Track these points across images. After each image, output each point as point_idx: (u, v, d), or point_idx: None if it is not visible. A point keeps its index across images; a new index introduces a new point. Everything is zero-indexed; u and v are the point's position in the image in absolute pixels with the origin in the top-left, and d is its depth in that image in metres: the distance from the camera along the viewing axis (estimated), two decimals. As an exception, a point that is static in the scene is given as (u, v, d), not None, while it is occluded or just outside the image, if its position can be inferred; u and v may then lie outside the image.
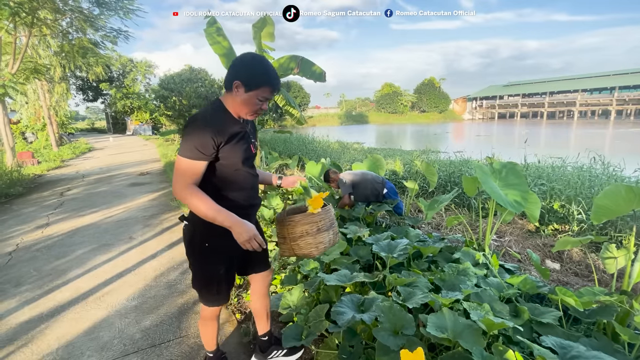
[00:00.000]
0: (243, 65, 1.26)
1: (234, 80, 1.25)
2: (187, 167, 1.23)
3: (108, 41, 12.37)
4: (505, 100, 58.83)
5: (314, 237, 1.59)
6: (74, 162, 11.59)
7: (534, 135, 24.00)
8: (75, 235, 4.01)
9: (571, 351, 1.24)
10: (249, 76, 1.25)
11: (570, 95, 49.87)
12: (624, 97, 44.64)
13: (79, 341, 2.06)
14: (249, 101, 1.28)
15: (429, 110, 64.65)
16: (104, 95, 33.36)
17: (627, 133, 24.52)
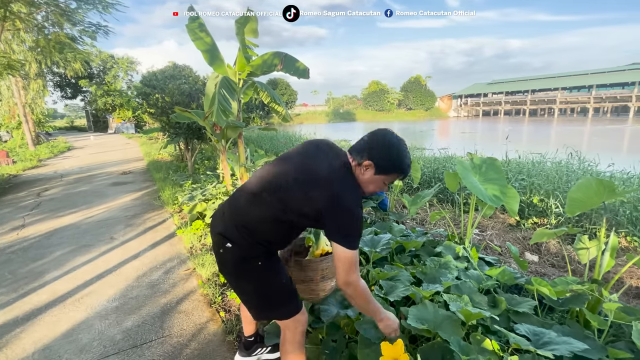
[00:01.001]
0: (380, 148, 1.20)
1: (367, 159, 1.20)
2: (356, 257, 1.18)
3: (86, 36, 11.99)
4: (489, 98, 60.12)
5: (317, 284, 1.59)
6: (52, 162, 11.20)
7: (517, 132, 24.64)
8: (53, 237, 3.88)
9: (543, 337, 1.29)
10: (383, 161, 1.20)
11: (550, 93, 51.41)
12: (601, 95, 46.34)
13: (57, 344, 2.00)
14: (375, 182, 1.24)
15: (415, 107, 65.43)
16: (84, 92, 32.26)
17: (603, 130, 25.49)
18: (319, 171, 1.20)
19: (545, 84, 53.27)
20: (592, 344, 1.45)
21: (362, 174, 1.23)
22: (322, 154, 1.27)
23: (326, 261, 1.59)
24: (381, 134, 1.24)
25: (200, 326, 2.13)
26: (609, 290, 1.76)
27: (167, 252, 3.35)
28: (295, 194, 1.19)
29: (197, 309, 2.32)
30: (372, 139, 1.23)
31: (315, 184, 1.18)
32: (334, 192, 1.15)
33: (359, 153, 1.22)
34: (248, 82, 4.22)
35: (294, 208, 1.21)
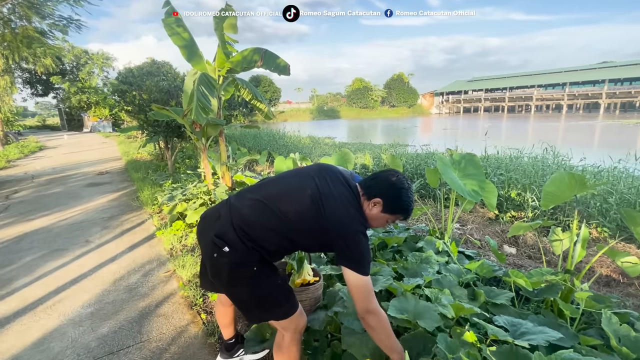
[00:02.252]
0: (391, 190, 1.27)
1: (377, 197, 1.26)
2: (370, 284, 1.21)
3: (57, 30, 11.45)
4: (469, 95, 61.59)
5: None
6: (22, 162, 10.66)
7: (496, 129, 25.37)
8: (22, 241, 3.69)
9: (520, 328, 1.32)
10: (392, 202, 1.27)
11: (527, 91, 53.18)
12: (574, 92, 48.35)
13: (27, 354, 1.90)
14: (380, 219, 1.30)
15: (398, 105, 66.24)
16: (56, 89, 30.80)
17: (576, 126, 26.62)
18: (335, 197, 1.24)
19: (523, 81, 55.07)
20: (565, 332, 1.51)
21: (369, 209, 1.28)
22: (337, 180, 1.31)
23: (305, 292, 1.58)
24: (393, 175, 1.30)
25: (181, 329, 2.08)
26: (580, 280, 1.83)
27: (146, 254, 3.24)
28: (308, 214, 1.21)
29: (177, 312, 2.26)
30: (384, 179, 1.30)
31: (329, 208, 1.21)
32: (347, 219, 1.20)
33: (369, 189, 1.29)
34: (228, 78, 4.13)
35: (303, 228, 1.23)
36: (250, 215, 1.25)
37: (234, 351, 1.77)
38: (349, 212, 1.22)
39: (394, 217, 1.32)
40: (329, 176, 1.31)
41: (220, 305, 1.68)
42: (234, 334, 1.77)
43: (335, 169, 1.37)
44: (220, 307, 1.69)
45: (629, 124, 25.69)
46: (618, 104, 45.22)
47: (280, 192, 1.29)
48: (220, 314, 1.71)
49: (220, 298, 1.66)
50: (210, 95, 3.10)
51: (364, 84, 66.41)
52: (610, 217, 3.37)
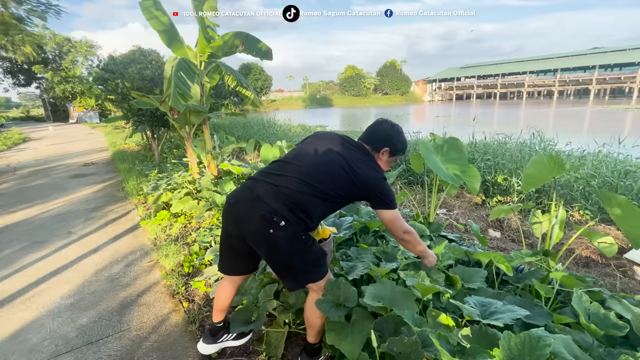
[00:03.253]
0: (392, 137, 1.57)
1: (384, 147, 1.56)
2: (399, 213, 1.51)
3: (35, 16, 11.00)
4: (462, 82, 61.45)
5: None
6: (4, 154, 10.37)
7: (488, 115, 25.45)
8: (2, 234, 3.61)
9: (490, 308, 1.33)
10: (396, 146, 1.58)
11: (519, 77, 53.22)
12: (565, 78, 48.56)
13: (3, 346, 1.87)
14: (388, 163, 1.62)
15: (391, 92, 65.86)
16: (39, 79, 29.84)
17: (566, 112, 26.84)
18: (359, 160, 1.47)
19: (515, 67, 55.05)
20: (539, 311, 1.53)
21: (380, 159, 1.57)
22: (349, 146, 1.52)
23: (328, 245, 1.70)
24: (386, 124, 1.60)
25: (162, 318, 2.07)
26: (556, 261, 1.85)
27: (129, 244, 3.20)
28: (345, 182, 1.43)
29: (158, 301, 2.24)
30: (383, 131, 1.58)
31: (361, 170, 1.44)
32: (375, 174, 1.47)
33: (375, 142, 1.56)
34: (211, 64, 4.02)
35: (342, 194, 1.44)
36: (298, 192, 1.38)
37: (219, 336, 1.75)
38: (374, 168, 1.50)
39: (397, 158, 1.62)
40: (342, 145, 1.51)
41: (228, 286, 1.65)
42: (223, 318, 1.75)
43: (338, 137, 1.56)
44: (227, 289, 1.65)
45: (617, 109, 25.99)
46: (608, 89, 45.61)
47: (315, 169, 1.43)
48: (223, 296, 1.67)
49: (230, 280, 1.64)
50: (190, 81, 3.01)
51: (357, 72, 65.73)
52: (592, 200, 3.41)
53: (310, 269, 1.44)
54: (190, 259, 2.64)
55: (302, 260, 1.41)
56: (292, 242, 1.36)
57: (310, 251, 1.43)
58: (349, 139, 1.57)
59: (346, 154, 1.47)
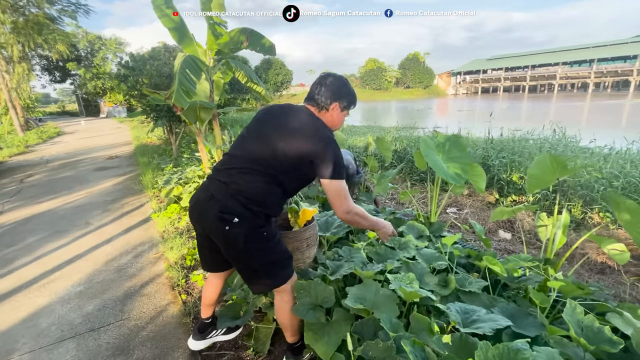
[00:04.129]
0: (340, 89, 1.43)
1: (333, 102, 1.42)
2: (345, 186, 1.37)
3: (66, 16, 11.58)
4: (488, 74, 58.93)
5: (302, 252, 1.67)
6: (40, 148, 11.07)
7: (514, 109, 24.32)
8: (28, 223, 3.87)
9: (472, 315, 1.28)
10: (345, 99, 1.45)
11: (551, 69, 50.32)
12: (602, 69, 45.40)
13: (15, 329, 2.02)
14: (340, 119, 1.49)
15: (413, 86, 64.26)
16: (73, 75, 31.47)
17: (602, 105, 25.14)
18: (305, 131, 1.36)
19: (546, 58, 52.06)
20: (532, 321, 1.45)
21: (331, 116, 1.44)
22: (291, 114, 1.42)
23: (309, 230, 1.68)
24: (329, 78, 1.44)
25: (160, 309, 2.15)
26: (558, 267, 1.75)
27: (140, 236, 3.34)
28: (285, 153, 1.32)
29: (159, 292, 2.33)
30: (327, 87, 1.42)
31: (300, 138, 1.33)
32: (317, 139, 1.33)
33: (322, 101, 1.41)
34: (221, 61, 4.07)
35: (288, 168, 1.34)
36: (246, 183, 1.33)
37: (207, 333, 1.79)
38: (319, 130, 1.36)
39: (347, 111, 1.50)
40: (281, 115, 1.42)
41: (213, 280, 1.68)
42: (211, 314, 1.80)
43: (284, 105, 1.49)
44: (212, 283, 1.68)
45: (661, 102, 24.04)
46: (651, 81, 42.27)
47: (256, 153, 1.36)
48: (209, 291, 1.70)
49: (215, 275, 1.67)
50: (196, 78, 3.07)
51: (378, 65, 64.54)
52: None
53: (273, 271, 1.40)
54: (193, 252, 2.71)
55: (263, 260, 1.37)
56: (250, 238, 1.32)
57: (273, 251, 1.39)
58: (290, 105, 1.48)
59: (286, 123, 1.38)
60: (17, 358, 1.79)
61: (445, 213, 3.82)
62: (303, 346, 1.56)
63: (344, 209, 1.35)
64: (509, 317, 1.46)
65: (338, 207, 1.35)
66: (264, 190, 1.34)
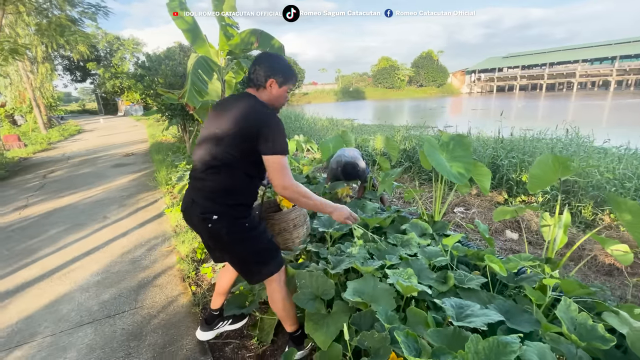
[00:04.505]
0: (273, 65, 1.43)
1: (269, 78, 1.41)
2: (287, 162, 1.37)
3: (87, 17, 11.96)
4: (504, 72, 57.53)
5: (290, 233, 1.72)
6: (61, 145, 11.52)
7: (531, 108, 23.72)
8: (51, 216, 4.08)
9: (466, 310, 1.32)
10: (280, 73, 1.43)
11: (570, 66, 48.68)
12: (625, 66, 43.64)
13: (38, 314, 2.16)
14: (282, 95, 1.48)
15: (426, 84, 63.37)
16: (92, 75, 32.51)
17: (624, 104, 24.22)
18: (240, 113, 1.39)
19: (565, 56, 50.39)
20: (528, 318, 1.48)
21: (270, 93, 1.44)
22: (234, 102, 1.46)
23: (295, 211, 1.73)
24: (266, 55, 1.48)
25: (171, 299, 2.26)
26: (559, 267, 1.76)
27: (153, 230, 3.48)
28: (236, 140, 1.35)
29: (170, 283, 2.44)
30: (261, 65, 1.43)
31: (239, 122, 1.36)
32: (253, 117, 1.36)
33: (258, 80, 1.42)
34: (233, 61, 4.18)
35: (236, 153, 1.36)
36: (212, 181, 1.40)
37: (214, 324, 1.87)
38: (253, 106, 1.39)
39: (289, 86, 1.49)
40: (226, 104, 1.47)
41: (229, 268, 1.76)
42: (220, 305, 1.88)
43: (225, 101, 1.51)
44: (228, 272, 1.77)
45: (688, 101, 23.01)
46: (679, 79, 40.41)
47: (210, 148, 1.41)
48: (224, 280, 1.80)
49: (227, 266, 1.76)
50: (208, 78, 3.17)
51: (391, 63, 63.93)
52: (626, 204, 3.13)
53: (261, 260, 1.48)
54: (203, 246, 2.82)
55: (249, 249, 1.44)
56: (233, 229, 1.39)
57: (259, 240, 1.46)
58: (231, 96, 1.53)
59: (227, 114, 1.41)
60: (40, 340, 1.92)
61: (452, 212, 3.82)
62: (304, 335, 1.63)
63: (281, 184, 1.34)
64: (504, 313, 1.49)
65: (275, 181, 1.34)
66: (231, 182, 1.39)
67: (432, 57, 63.94)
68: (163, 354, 1.78)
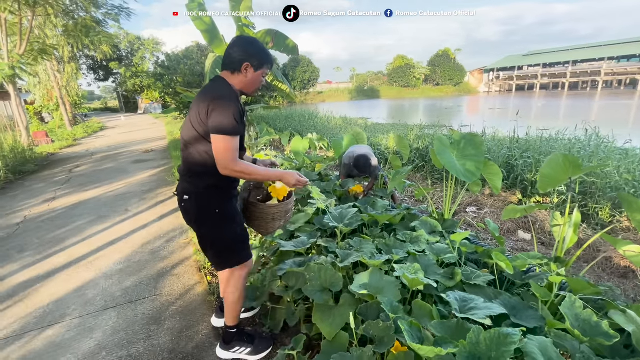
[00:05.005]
0: (249, 48, 1.43)
1: (243, 62, 1.41)
2: (234, 144, 1.35)
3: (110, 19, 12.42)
4: (524, 70, 55.80)
5: (267, 223, 1.73)
6: (85, 141, 12.02)
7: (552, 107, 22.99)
8: (77, 208, 4.31)
9: (470, 303, 1.36)
10: (256, 57, 1.43)
11: (595, 64, 46.74)
12: (656, 64, 41.58)
13: (67, 298, 2.32)
14: (257, 79, 1.48)
15: (443, 83, 62.22)
16: (114, 74, 33.65)
17: (653, 104, 23.12)
18: (203, 92, 1.44)
19: (590, 53, 48.37)
20: (533, 314, 1.50)
21: (245, 76, 1.44)
22: (207, 86, 1.51)
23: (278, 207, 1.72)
24: (241, 38, 1.48)
25: (188, 288, 2.38)
26: (569, 266, 1.76)
27: (172, 223, 3.63)
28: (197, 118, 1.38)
29: (187, 273, 2.57)
30: (238, 45, 1.44)
31: (200, 102, 1.39)
32: (210, 97, 1.37)
33: (233, 62, 1.43)
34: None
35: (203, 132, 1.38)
36: (185, 159, 1.49)
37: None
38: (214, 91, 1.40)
39: (265, 70, 1.50)
40: (200, 93, 1.48)
41: None
42: None
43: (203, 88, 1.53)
44: None
45: None
46: None
47: (186, 123, 1.47)
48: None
49: None
50: (225, 78, 3.28)
51: (406, 62, 63.09)
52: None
53: (225, 250, 1.54)
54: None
55: (216, 236, 1.50)
56: (202, 213, 1.46)
57: (228, 230, 1.51)
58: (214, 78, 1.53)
59: (198, 97, 1.43)
60: (69, 321, 2.08)
61: (464, 212, 3.81)
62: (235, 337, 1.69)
63: (222, 164, 1.35)
64: (510, 309, 1.52)
65: (218, 162, 1.35)
66: (197, 161, 1.43)
67: (449, 56, 62.71)
68: (180, 337, 1.89)
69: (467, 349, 1.15)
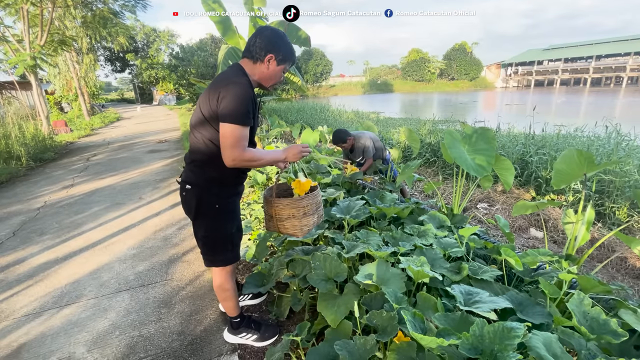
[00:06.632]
0: (276, 41, 1.37)
1: (268, 53, 1.36)
2: (243, 134, 1.30)
3: (127, 10, 12.60)
4: (544, 65, 53.96)
5: (299, 220, 1.69)
6: (102, 131, 12.32)
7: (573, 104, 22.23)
8: (93, 195, 4.45)
9: (475, 297, 1.36)
10: (282, 51, 1.38)
11: (620, 59, 44.76)
12: (687, 60, 39.56)
13: (84, 279, 2.42)
14: (277, 73, 1.43)
15: (458, 77, 60.84)
16: (131, 65, 34.21)
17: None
18: (217, 78, 1.40)
19: (614, 48, 46.31)
20: (540, 311, 1.48)
21: (267, 69, 1.38)
22: (222, 72, 1.46)
23: (307, 199, 1.68)
24: (272, 29, 1.41)
25: (198, 274, 2.44)
26: (580, 264, 1.73)
27: (183, 212, 3.70)
28: (206, 105, 1.34)
29: (197, 260, 2.63)
30: (267, 36, 1.37)
31: (213, 86, 1.35)
32: (223, 84, 1.31)
33: (257, 51, 1.36)
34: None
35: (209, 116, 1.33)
36: (191, 150, 1.46)
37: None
38: (228, 78, 1.34)
39: (287, 66, 1.45)
40: (218, 75, 1.46)
41: None
42: (236, 281, 2.03)
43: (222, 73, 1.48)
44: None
45: None
46: None
47: (195, 117, 1.44)
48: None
49: None
50: (237, 69, 3.31)
51: (421, 55, 61.89)
52: (667, 206, 2.95)
53: (214, 248, 1.53)
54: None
55: (209, 230, 1.49)
56: (198, 207, 1.45)
57: (220, 227, 1.49)
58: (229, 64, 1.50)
59: (212, 83, 1.38)
60: (85, 301, 2.17)
61: (475, 208, 3.76)
62: (243, 323, 1.74)
63: (229, 156, 1.29)
64: (517, 305, 1.51)
65: (224, 152, 1.29)
66: (202, 149, 1.38)
67: (465, 49, 61.16)
68: (190, 321, 1.95)
69: (470, 341, 1.15)
